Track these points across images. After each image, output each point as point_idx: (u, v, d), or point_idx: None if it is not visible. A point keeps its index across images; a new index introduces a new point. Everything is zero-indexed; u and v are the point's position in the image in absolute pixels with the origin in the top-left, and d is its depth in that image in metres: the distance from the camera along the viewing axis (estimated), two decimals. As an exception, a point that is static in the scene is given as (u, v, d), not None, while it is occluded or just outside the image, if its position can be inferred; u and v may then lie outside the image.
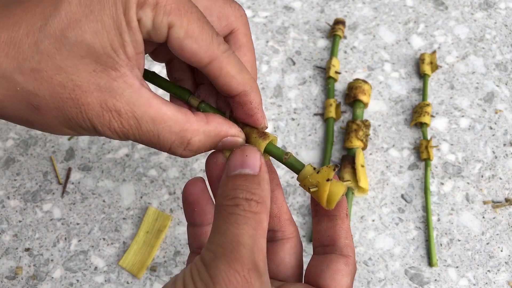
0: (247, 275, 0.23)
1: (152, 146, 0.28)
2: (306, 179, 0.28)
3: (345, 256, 0.28)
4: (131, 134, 0.27)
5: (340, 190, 0.27)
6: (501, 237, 0.43)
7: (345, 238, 0.29)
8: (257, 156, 0.26)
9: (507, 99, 0.49)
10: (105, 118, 0.26)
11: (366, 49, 0.52)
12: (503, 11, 0.54)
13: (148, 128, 0.26)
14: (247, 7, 0.55)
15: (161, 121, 0.26)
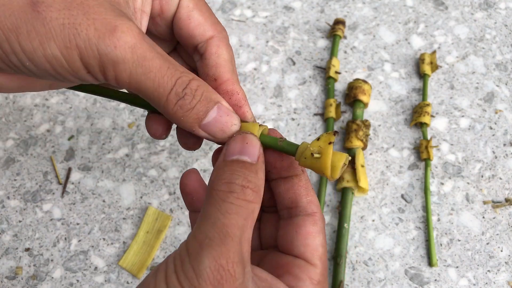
0: (232, 269, 0.22)
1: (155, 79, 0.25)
2: (306, 150, 0.26)
3: (310, 215, 0.27)
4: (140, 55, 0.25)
5: (343, 156, 0.26)
6: (501, 237, 0.43)
7: (306, 195, 0.28)
8: (257, 145, 0.26)
9: (507, 99, 0.49)
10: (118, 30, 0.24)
11: (366, 49, 0.52)
12: (503, 11, 0.54)
13: (158, 55, 0.25)
14: (247, 7, 0.55)
15: (168, 57, 0.26)
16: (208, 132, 0.27)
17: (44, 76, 0.25)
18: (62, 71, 0.25)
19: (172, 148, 0.48)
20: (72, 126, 0.49)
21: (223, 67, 0.29)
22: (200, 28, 0.29)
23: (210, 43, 0.29)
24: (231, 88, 0.29)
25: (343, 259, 0.41)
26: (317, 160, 0.26)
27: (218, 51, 0.29)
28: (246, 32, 0.54)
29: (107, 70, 0.25)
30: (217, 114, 0.27)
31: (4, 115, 0.50)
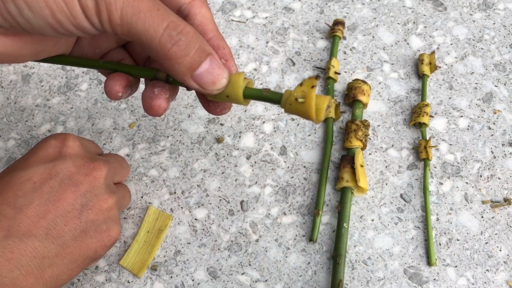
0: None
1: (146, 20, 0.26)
2: (290, 96, 0.27)
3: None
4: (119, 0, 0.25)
5: (325, 99, 0.27)
6: (499, 237, 0.43)
7: None
8: None
9: (506, 99, 0.50)
10: None
11: (366, 50, 0.53)
12: (501, 11, 0.55)
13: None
14: (247, 8, 0.56)
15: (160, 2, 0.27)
16: (199, 83, 0.28)
17: (40, 26, 0.25)
18: (60, 17, 0.25)
19: (173, 148, 0.48)
20: (73, 126, 0.50)
21: (207, 25, 0.30)
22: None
23: (193, 5, 0.30)
24: (217, 43, 0.30)
25: (343, 259, 0.42)
26: (301, 105, 0.27)
27: (202, 11, 0.30)
28: (246, 33, 0.54)
29: (101, 11, 0.25)
30: (209, 66, 0.27)
31: (5, 115, 0.50)
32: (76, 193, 0.33)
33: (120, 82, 0.31)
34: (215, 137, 0.48)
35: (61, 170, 0.34)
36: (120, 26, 0.26)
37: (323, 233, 0.44)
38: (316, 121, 0.27)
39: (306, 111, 0.27)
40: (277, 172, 0.47)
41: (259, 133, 0.49)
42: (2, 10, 0.25)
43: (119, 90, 0.31)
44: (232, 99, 0.29)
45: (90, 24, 0.26)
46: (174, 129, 0.49)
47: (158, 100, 0.30)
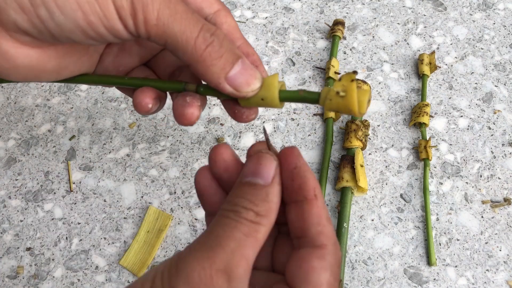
0: (215, 275, 0.21)
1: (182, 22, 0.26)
2: (330, 91, 0.27)
3: (318, 247, 0.24)
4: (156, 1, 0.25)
5: (366, 91, 0.26)
6: (499, 237, 0.43)
7: (317, 224, 0.24)
8: (272, 166, 0.25)
9: (506, 99, 0.50)
10: None
11: (365, 50, 0.53)
12: (501, 11, 0.55)
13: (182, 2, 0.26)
14: (247, 8, 0.56)
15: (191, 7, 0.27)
16: (233, 85, 0.27)
17: (71, 30, 0.25)
18: (93, 19, 0.25)
19: (173, 148, 0.48)
20: (73, 126, 0.50)
21: (234, 34, 0.30)
22: (207, 1, 0.30)
23: (218, 14, 0.30)
24: (246, 50, 0.30)
25: (343, 259, 0.42)
26: (343, 99, 0.26)
27: (227, 20, 0.30)
28: (246, 33, 0.54)
29: (137, 12, 0.25)
30: (242, 67, 0.27)
31: (5, 115, 0.50)
32: None
33: (149, 94, 0.30)
34: (215, 137, 0.48)
35: None
36: (155, 27, 0.25)
37: (323, 233, 0.44)
38: (359, 114, 0.27)
39: (348, 105, 0.26)
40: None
41: (259, 133, 0.49)
42: (32, 15, 0.24)
43: (149, 101, 0.30)
44: (267, 102, 0.28)
45: (123, 26, 0.25)
46: (174, 129, 0.49)
47: (191, 108, 0.29)
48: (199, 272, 0.21)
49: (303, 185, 0.25)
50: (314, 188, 0.25)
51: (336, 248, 0.24)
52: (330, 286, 0.23)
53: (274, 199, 0.24)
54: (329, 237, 0.24)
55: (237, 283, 0.22)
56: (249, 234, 0.23)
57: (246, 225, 0.23)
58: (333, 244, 0.24)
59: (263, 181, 0.25)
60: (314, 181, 0.25)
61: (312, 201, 0.25)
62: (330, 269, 0.24)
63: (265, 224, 0.24)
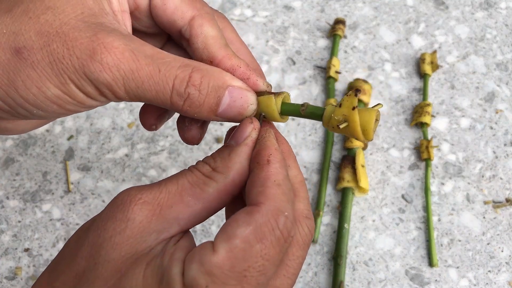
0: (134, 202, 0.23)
1: (151, 88, 0.24)
2: (331, 120, 0.25)
3: (252, 205, 0.23)
4: (127, 70, 0.24)
5: (372, 115, 0.24)
6: (501, 238, 0.43)
7: (260, 186, 0.23)
8: (245, 129, 0.25)
9: (508, 99, 0.49)
10: (97, 52, 0.23)
11: (367, 49, 0.52)
12: (503, 10, 0.54)
13: (146, 61, 0.24)
14: (247, 7, 0.55)
15: (159, 57, 0.25)
16: (226, 118, 0.26)
17: (56, 114, 0.26)
18: (69, 106, 0.25)
19: (172, 148, 0.48)
20: (72, 126, 0.49)
21: (213, 46, 0.27)
22: (178, 11, 0.27)
23: (192, 25, 0.27)
24: (230, 64, 0.27)
25: (344, 260, 0.41)
26: (346, 128, 0.24)
27: (203, 30, 0.27)
28: (246, 31, 0.54)
29: (104, 93, 0.25)
30: (230, 100, 0.26)
31: (3, 115, 0.50)
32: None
33: (153, 115, 0.30)
34: (214, 137, 0.48)
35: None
36: (128, 99, 0.25)
37: (323, 234, 0.44)
38: (365, 141, 0.25)
39: (352, 134, 0.24)
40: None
41: (259, 133, 0.48)
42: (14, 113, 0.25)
43: (153, 123, 0.30)
44: (270, 119, 0.27)
45: (99, 102, 0.26)
46: (173, 129, 0.49)
47: (190, 131, 0.29)
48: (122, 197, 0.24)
49: (259, 151, 0.25)
50: (270, 154, 0.24)
51: (275, 212, 0.22)
52: (246, 243, 0.21)
53: (235, 158, 0.24)
54: (268, 198, 0.22)
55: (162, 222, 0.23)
56: (195, 184, 0.24)
57: (196, 176, 0.24)
58: (270, 205, 0.22)
59: (235, 142, 0.25)
60: (271, 149, 0.25)
61: (263, 166, 0.24)
62: (254, 226, 0.22)
63: (218, 180, 0.24)
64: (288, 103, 0.27)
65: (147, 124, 0.30)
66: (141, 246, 0.23)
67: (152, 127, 0.30)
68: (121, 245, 0.23)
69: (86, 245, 0.23)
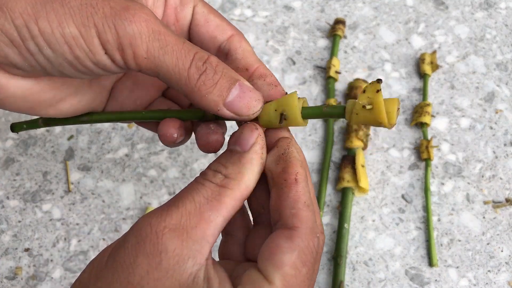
0: (160, 232, 0.22)
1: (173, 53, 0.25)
2: (355, 105, 0.26)
3: (289, 228, 0.24)
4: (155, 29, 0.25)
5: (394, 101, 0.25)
6: (501, 237, 0.43)
7: (292, 207, 0.24)
8: (251, 135, 0.26)
9: (508, 99, 0.49)
10: (130, 8, 0.25)
11: (367, 49, 0.52)
12: (503, 10, 0.54)
13: (171, 32, 0.26)
14: (247, 7, 0.55)
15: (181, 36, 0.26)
16: (233, 110, 0.27)
17: (60, 64, 0.25)
18: (79, 53, 0.25)
19: (172, 148, 0.48)
20: (72, 126, 0.49)
21: (251, 57, 0.30)
22: (220, 28, 0.30)
23: (232, 40, 0.30)
24: (264, 72, 0.29)
25: (343, 260, 0.41)
26: (370, 112, 0.25)
27: (242, 45, 0.30)
28: (246, 31, 0.54)
29: (125, 47, 0.25)
30: (240, 91, 0.27)
31: (3, 115, 0.50)
32: None
33: (173, 124, 0.29)
34: (215, 137, 0.48)
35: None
36: (146, 61, 0.25)
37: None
38: (389, 125, 0.26)
39: (377, 117, 0.25)
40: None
41: (259, 133, 0.48)
42: (22, 48, 0.24)
43: (173, 131, 0.29)
44: (290, 122, 0.27)
45: (111, 61, 0.25)
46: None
47: (216, 134, 0.29)
48: (146, 229, 0.22)
49: (285, 168, 0.25)
50: (297, 172, 0.25)
51: (311, 235, 0.24)
52: (295, 269, 0.23)
53: (247, 165, 0.25)
54: (303, 221, 0.24)
55: (193, 244, 0.22)
56: (212, 198, 0.24)
57: (210, 188, 0.24)
58: (307, 228, 0.24)
59: (241, 148, 0.26)
60: (297, 166, 0.25)
61: (291, 185, 0.25)
62: (298, 251, 0.23)
63: (233, 188, 0.24)
64: (309, 107, 0.28)
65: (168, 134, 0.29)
66: (183, 276, 0.22)
67: (173, 136, 0.29)
68: (161, 279, 0.22)
69: (117, 284, 0.22)
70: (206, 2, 0.31)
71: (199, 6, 0.30)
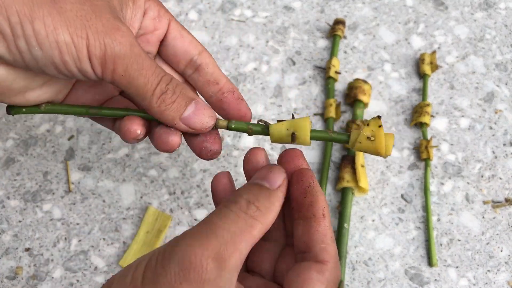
0: (204, 261, 0.23)
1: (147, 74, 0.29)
2: (360, 136, 0.30)
3: (319, 262, 0.26)
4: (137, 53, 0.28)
5: (391, 137, 0.30)
6: (501, 237, 0.43)
7: (322, 242, 0.27)
8: (280, 176, 0.28)
9: (507, 99, 0.49)
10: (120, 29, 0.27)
11: (366, 49, 0.52)
12: (503, 11, 0.54)
13: (147, 56, 0.29)
14: (247, 7, 0.55)
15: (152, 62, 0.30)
16: (188, 124, 0.30)
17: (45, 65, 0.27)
18: (67, 59, 0.27)
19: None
20: (72, 126, 0.49)
21: (218, 73, 0.34)
22: (193, 44, 0.34)
23: (203, 55, 0.34)
24: (231, 86, 0.34)
25: (343, 259, 0.41)
26: (372, 142, 0.30)
27: (211, 61, 0.34)
28: (246, 32, 0.54)
29: (107, 63, 0.27)
30: (195, 108, 0.30)
31: (4, 115, 0.50)
32: None
33: (138, 122, 0.31)
34: (215, 137, 0.48)
35: None
36: (122, 77, 0.28)
37: (323, 234, 0.44)
38: (385, 156, 0.30)
39: (377, 148, 0.30)
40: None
41: (259, 133, 0.48)
42: (12, 44, 0.26)
43: (137, 128, 0.31)
44: (299, 142, 0.32)
45: (92, 70, 0.28)
46: (173, 129, 0.49)
47: (175, 136, 0.31)
48: (190, 257, 0.23)
49: (314, 203, 0.28)
50: (324, 207, 0.28)
51: (337, 268, 0.26)
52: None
53: (275, 202, 0.27)
54: (331, 256, 0.26)
55: (228, 273, 0.23)
56: (245, 229, 0.24)
57: (243, 220, 0.25)
58: (334, 262, 0.26)
59: (270, 185, 0.27)
60: (324, 201, 0.28)
61: (320, 219, 0.27)
62: (327, 284, 0.25)
63: (262, 222, 0.25)
64: (317, 130, 0.32)
65: (131, 129, 0.31)
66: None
67: (137, 132, 0.31)
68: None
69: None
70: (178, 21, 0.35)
71: (173, 21, 0.34)
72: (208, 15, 0.55)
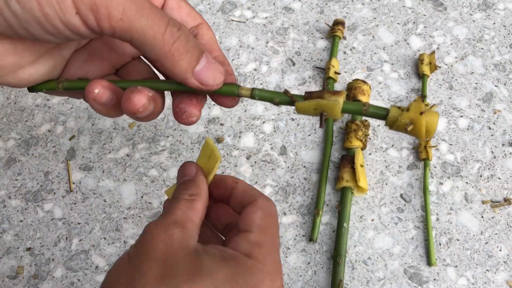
0: (167, 227, 0.26)
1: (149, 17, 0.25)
2: (397, 121, 0.27)
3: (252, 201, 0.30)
4: None
5: (435, 118, 0.26)
6: (499, 237, 0.43)
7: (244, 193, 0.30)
8: (192, 166, 0.31)
9: (506, 99, 0.50)
10: None
11: (366, 50, 0.53)
12: (501, 11, 0.55)
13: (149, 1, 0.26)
14: (247, 8, 0.55)
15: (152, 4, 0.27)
16: (199, 79, 0.28)
17: (28, 22, 0.24)
18: (49, 10, 0.24)
19: (173, 148, 0.48)
20: (73, 126, 0.50)
21: (213, 45, 0.32)
22: (191, 15, 0.32)
23: (201, 27, 0.32)
24: (224, 60, 0.32)
25: (343, 259, 0.42)
26: (411, 130, 0.27)
27: (209, 33, 0.32)
28: (246, 33, 0.54)
29: (99, 7, 0.24)
30: (207, 62, 0.28)
31: (5, 115, 0.50)
32: None
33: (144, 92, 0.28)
34: (215, 137, 0.48)
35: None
36: (121, 22, 0.25)
37: (323, 233, 0.44)
38: (425, 138, 0.27)
39: (416, 134, 0.27)
40: (277, 172, 0.47)
41: (259, 133, 0.49)
42: None
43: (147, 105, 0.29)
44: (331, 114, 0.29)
45: (82, 22, 0.24)
46: (174, 129, 0.49)
47: (195, 108, 0.30)
48: (156, 226, 0.27)
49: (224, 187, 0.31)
50: (232, 181, 0.31)
51: (266, 199, 0.30)
52: (262, 220, 0.28)
53: (200, 184, 0.30)
54: (258, 195, 0.30)
55: (189, 232, 0.27)
56: (188, 207, 0.29)
57: (184, 201, 0.29)
58: (262, 196, 0.30)
59: (190, 176, 0.31)
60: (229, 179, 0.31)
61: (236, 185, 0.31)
62: (261, 210, 0.29)
63: (198, 200, 0.29)
64: (350, 102, 0.28)
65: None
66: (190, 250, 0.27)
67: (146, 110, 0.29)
68: None
69: None
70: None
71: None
72: (208, 15, 0.55)
